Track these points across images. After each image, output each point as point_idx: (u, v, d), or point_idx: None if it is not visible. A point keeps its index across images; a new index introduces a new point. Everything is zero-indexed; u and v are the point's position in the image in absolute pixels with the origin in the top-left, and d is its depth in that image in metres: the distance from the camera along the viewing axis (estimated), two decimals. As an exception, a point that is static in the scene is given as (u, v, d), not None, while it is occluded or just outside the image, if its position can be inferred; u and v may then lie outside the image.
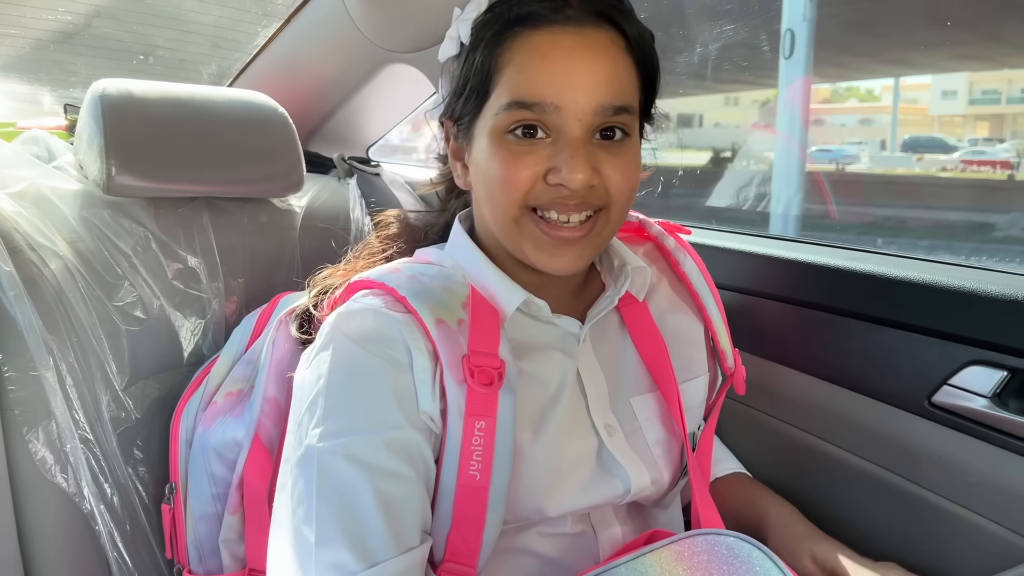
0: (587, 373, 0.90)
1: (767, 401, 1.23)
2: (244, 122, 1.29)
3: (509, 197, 0.81)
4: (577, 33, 0.79)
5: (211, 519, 1.03)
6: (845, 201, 8.49)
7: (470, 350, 0.79)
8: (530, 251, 0.83)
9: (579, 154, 0.78)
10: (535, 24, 0.79)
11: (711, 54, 4.28)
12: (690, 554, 0.69)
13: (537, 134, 0.80)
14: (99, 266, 1.13)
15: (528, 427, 0.83)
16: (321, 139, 1.70)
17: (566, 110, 0.78)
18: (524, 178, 0.80)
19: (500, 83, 0.81)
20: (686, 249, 1.01)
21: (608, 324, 0.95)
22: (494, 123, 0.81)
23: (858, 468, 1.11)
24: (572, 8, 0.79)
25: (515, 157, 0.80)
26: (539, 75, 0.78)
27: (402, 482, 0.75)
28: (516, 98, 0.79)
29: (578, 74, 0.78)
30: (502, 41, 0.81)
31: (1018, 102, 10.63)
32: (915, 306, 1.05)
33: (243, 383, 1.05)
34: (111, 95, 1.16)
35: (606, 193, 0.81)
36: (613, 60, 0.80)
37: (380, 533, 0.72)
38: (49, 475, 1.03)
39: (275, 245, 1.33)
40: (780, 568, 0.67)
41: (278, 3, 1.49)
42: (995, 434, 0.97)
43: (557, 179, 0.79)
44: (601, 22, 0.80)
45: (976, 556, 1.00)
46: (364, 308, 0.81)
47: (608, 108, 0.79)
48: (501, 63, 0.81)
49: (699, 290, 0.99)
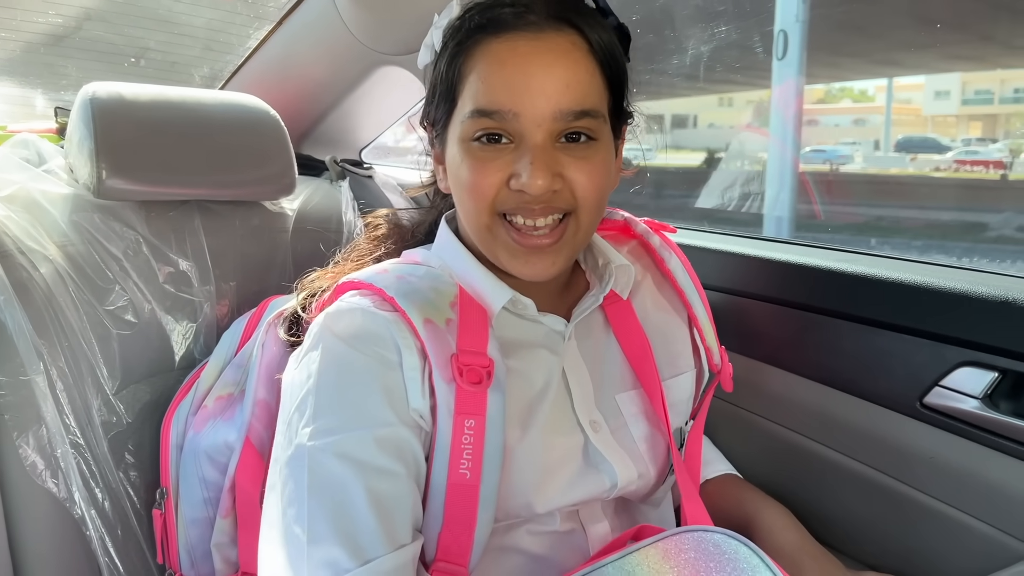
0: (572, 370, 0.90)
1: (759, 403, 1.23)
2: (236, 125, 1.29)
3: (478, 204, 0.82)
4: (536, 38, 0.79)
5: (203, 523, 1.03)
6: (840, 202, 8.52)
7: (459, 349, 0.79)
8: (504, 258, 0.84)
9: (538, 160, 0.78)
10: (495, 31, 0.80)
11: (705, 55, 4.28)
12: (677, 551, 0.69)
13: (501, 140, 0.81)
14: (90, 270, 1.13)
15: (516, 424, 0.84)
16: (313, 142, 1.70)
17: (525, 116, 0.79)
18: (489, 184, 0.81)
19: (464, 91, 0.82)
20: (671, 247, 1.01)
21: (593, 322, 0.95)
22: (461, 130, 0.82)
23: (850, 469, 1.11)
24: (533, 14, 0.80)
25: (480, 164, 0.81)
26: (497, 83, 0.79)
27: (393, 479, 0.75)
28: (477, 106, 0.80)
29: (536, 80, 0.78)
30: (465, 49, 0.82)
31: (1011, 102, 10.67)
32: (907, 307, 1.05)
33: (233, 387, 1.05)
34: (101, 98, 1.15)
35: (572, 196, 0.82)
36: (573, 64, 0.80)
37: (372, 530, 0.72)
38: (40, 480, 1.03)
39: (267, 248, 1.33)
40: (767, 564, 0.67)
41: (269, 6, 1.48)
42: (986, 435, 0.98)
43: (518, 185, 0.79)
44: (562, 26, 0.80)
45: (967, 557, 1.00)
46: (352, 307, 0.82)
47: (568, 113, 0.79)
48: (465, 71, 0.82)
49: (684, 287, 1.00)
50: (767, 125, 5.88)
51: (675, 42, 3.77)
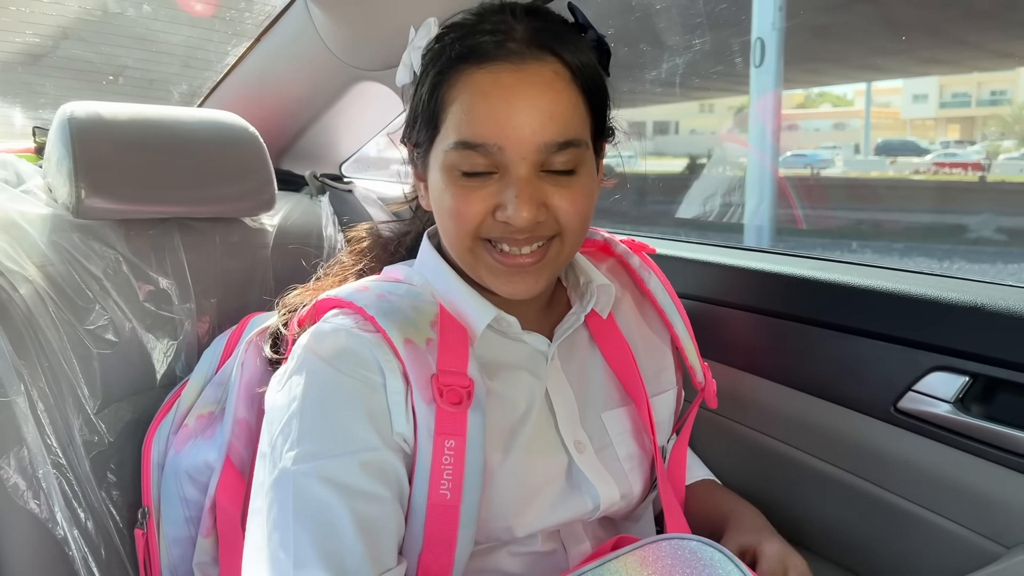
0: (556, 390, 0.91)
1: (737, 409, 1.24)
2: (214, 142, 1.29)
3: (461, 230, 0.82)
4: (518, 69, 0.79)
5: (184, 543, 1.03)
6: (821, 206, 8.58)
7: (439, 369, 0.79)
8: (486, 277, 0.85)
9: (524, 193, 0.79)
10: (478, 61, 0.80)
11: (686, 63, 4.31)
12: (654, 559, 0.70)
13: (485, 171, 0.80)
14: (69, 290, 1.13)
15: (497, 447, 0.84)
16: (293, 157, 1.70)
17: (509, 150, 0.78)
18: (474, 213, 0.81)
19: (447, 120, 0.82)
20: (651, 267, 1.02)
21: (577, 340, 0.96)
22: (444, 159, 0.82)
23: (827, 473, 1.12)
24: (514, 42, 0.80)
25: (464, 192, 0.81)
26: (481, 116, 0.79)
27: (378, 503, 0.75)
28: (461, 138, 0.80)
29: (520, 113, 0.78)
30: (447, 78, 0.81)
31: (988, 104, 10.79)
32: (879, 314, 1.07)
33: (214, 405, 1.05)
34: (79, 118, 1.16)
35: (556, 223, 0.82)
36: (556, 95, 0.79)
37: (358, 554, 0.72)
38: (22, 501, 1.03)
39: (247, 264, 1.33)
40: (741, 570, 0.68)
41: (247, 23, 1.49)
42: (959, 438, 0.99)
43: (504, 216, 0.80)
44: (543, 54, 0.80)
45: (942, 558, 1.01)
46: (336, 328, 0.82)
47: (552, 145, 0.79)
48: (447, 100, 0.81)
49: (664, 307, 1.00)
50: (748, 130, 5.93)
51: (656, 51, 3.79)
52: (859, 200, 9.09)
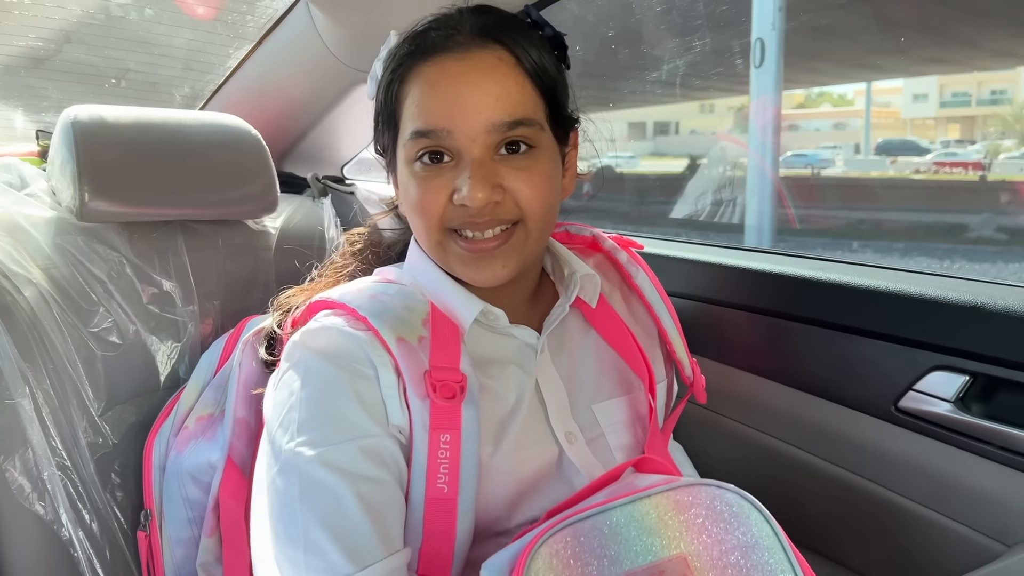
0: (546, 383, 0.91)
1: (738, 409, 1.24)
2: (217, 145, 1.29)
3: (427, 222, 0.85)
4: (462, 58, 0.82)
5: (188, 543, 1.04)
6: (821, 206, 8.58)
7: (431, 365, 0.81)
8: (457, 267, 0.86)
9: (476, 173, 0.81)
10: (425, 56, 0.83)
11: (686, 64, 4.32)
12: (689, 505, 0.68)
13: (443, 159, 0.83)
14: (73, 292, 1.13)
15: (488, 441, 0.85)
16: (295, 159, 1.71)
17: (458, 133, 0.81)
18: (434, 202, 0.83)
19: (403, 115, 0.85)
20: (638, 263, 1.03)
21: (566, 332, 0.97)
22: (405, 153, 0.85)
23: (827, 472, 1.13)
24: (460, 35, 0.83)
25: (425, 183, 0.83)
26: (430, 104, 0.82)
27: (381, 486, 0.77)
28: (415, 127, 0.83)
29: (465, 97, 0.81)
30: (400, 76, 0.85)
31: (988, 104, 10.79)
32: (880, 314, 1.07)
33: (214, 407, 1.06)
34: (83, 121, 1.16)
35: (515, 206, 0.84)
36: (501, 78, 0.82)
37: (368, 534, 0.73)
38: (27, 503, 1.03)
39: (250, 267, 1.34)
40: (773, 529, 0.68)
41: (249, 26, 1.49)
42: (959, 437, 1.00)
43: (460, 199, 0.82)
44: (487, 43, 0.83)
45: (943, 557, 1.02)
46: (328, 327, 0.83)
47: (501, 125, 0.81)
48: (401, 96, 0.85)
49: (652, 302, 1.02)
50: (747, 130, 5.94)
51: (657, 52, 3.80)
52: (859, 200, 9.09)
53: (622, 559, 0.66)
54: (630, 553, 0.66)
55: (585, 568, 0.66)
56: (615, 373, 0.98)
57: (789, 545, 0.68)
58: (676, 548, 0.66)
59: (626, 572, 0.65)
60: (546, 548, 0.66)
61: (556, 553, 0.66)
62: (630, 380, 0.98)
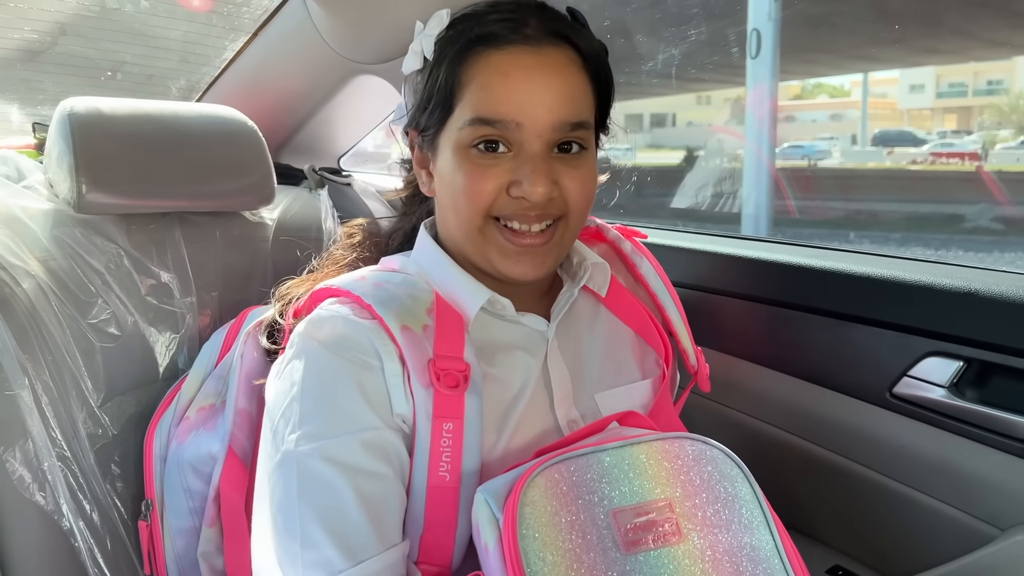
0: (553, 370, 0.92)
1: (734, 396, 1.25)
2: (214, 136, 1.30)
3: (474, 208, 0.84)
4: (536, 52, 0.83)
5: (189, 533, 1.04)
6: (819, 197, 8.58)
7: (435, 354, 0.81)
8: (495, 258, 0.86)
9: (540, 169, 0.82)
10: (496, 44, 0.83)
11: (682, 55, 4.31)
12: (676, 455, 0.73)
13: (499, 148, 0.83)
14: (72, 284, 1.13)
15: (492, 429, 0.85)
16: (291, 151, 1.71)
17: (526, 127, 0.82)
18: (488, 190, 0.83)
19: (463, 99, 0.84)
20: (643, 252, 1.04)
21: (573, 321, 0.97)
22: (458, 137, 0.84)
23: (822, 458, 1.14)
24: (530, 28, 0.83)
25: (479, 170, 0.83)
26: (500, 93, 0.82)
27: (381, 481, 0.77)
28: (479, 115, 0.82)
29: (537, 92, 0.82)
30: (464, 59, 0.84)
31: (984, 94, 10.78)
32: (875, 300, 1.08)
33: (215, 397, 1.07)
34: (80, 113, 1.16)
35: (564, 203, 0.85)
36: (570, 78, 0.84)
37: (364, 531, 0.74)
38: (28, 493, 1.03)
39: (248, 258, 1.34)
40: (752, 487, 0.72)
41: (244, 17, 1.49)
42: (953, 422, 1.01)
43: (519, 192, 0.82)
44: (558, 41, 0.84)
45: (938, 541, 1.03)
46: (333, 315, 0.83)
47: (566, 124, 0.83)
48: (464, 80, 0.84)
49: (657, 292, 1.02)
50: (739, 124, 5.94)
51: (652, 43, 3.79)
52: (856, 191, 9.09)
53: (612, 496, 0.70)
54: (619, 492, 0.70)
55: (578, 500, 0.69)
56: (625, 359, 0.99)
57: (766, 504, 0.72)
58: (663, 493, 0.71)
59: (615, 508, 0.69)
60: (542, 477, 0.70)
61: (553, 482, 0.70)
62: (641, 364, 1.00)
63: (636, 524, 0.69)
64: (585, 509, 0.69)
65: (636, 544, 0.68)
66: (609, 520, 0.69)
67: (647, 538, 0.68)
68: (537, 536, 0.67)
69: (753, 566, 0.69)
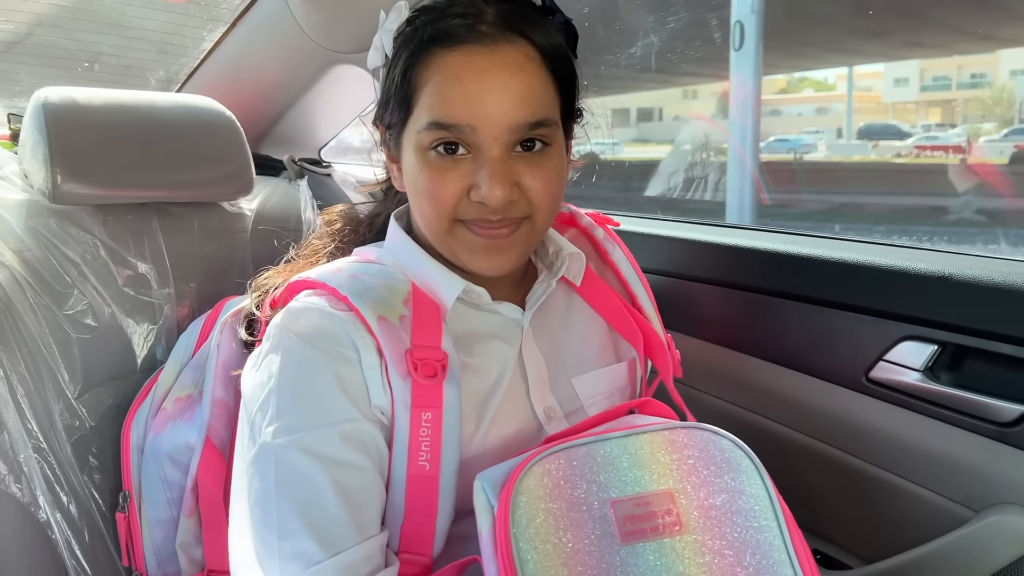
0: (529, 358, 0.92)
1: (711, 382, 1.26)
2: (191, 126, 1.29)
3: (438, 211, 0.84)
4: (491, 52, 0.80)
5: (167, 524, 1.04)
6: (804, 190, 8.61)
7: (413, 344, 0.81)
8: (464, 256, 0.86)
9: (497, 172, 0.80)
10: (450, 44, 0.81)
11: (669, 49, 4.32)
12: (682, 446, 0.72)
13: (458, 150, 0.82)
14: (47, 275, 1.12)
15: (471, 418, 0.85)
16: (271, 142, 1.70)
17: (482, 131, 0.80)
18: (449, 193, 0.82)
19: (419, 101, 0.83)
20: (614, 239, 1.04)
21: (549, 309, 0.97)
22: (418, 139, 0.83)
23: (799, 443, 1.15)
24: (485, 24, 0.81)
25: (439, 173, 0.82)
26: (454, 97, 0.80)
27: (359, 472, 0.77)
28: (434, 119, 0.81)
29: (492, 95, 0.80)
30: (419, 60, 0.83)
31: (968, 87, 10.84)
32: (850, 286, 1.09)
33: (192, 388, 1.06)
34: (54, 103, 1.15)
35: (528, 204, 0.84)
36: (528, 77, 0.81)
37: (342, 522, 0.73)
38: (3, 485, 1.03)
39: (226, 249, 1.34)
40: (763, 479, 0.72)
41: (222, 7, 1.49)
42: (929, 406, 1.01)
43: (478, 196, 0.81)
44: (514, 37, 0.82)
45: (913, 524, 1.04)
46: (309, 307, 0.83)
47: (524, 125, 0.81)
48: (419, 82, 0.83)
49: (628, 278, 1.02)
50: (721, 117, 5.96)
51: (637, 38, 3.80)
52: (842, 183, 9.13)
53: (610, 486, 0.70)
54: (619, 482, 0.70)
55: (574, 490, 0.69)
56: (599, 345, 0.99)
57: (777, 496, 0.72)
58: (665, 484, 0.70)
59: (613, 499, 0.69)
60: (539, 467, 0.70)
61: (548, 472, 0.70)
62: (617, 349, 1.00)
63: (635, 514, 0.68)
64: (581, 498, 0.69)
65: (634, 534, 0.67)
66: (606, 510, 0.68)
67: (646, 528, 0.68)
68: (530, 525, 0.67)
69: (758, 560, 0.68)
